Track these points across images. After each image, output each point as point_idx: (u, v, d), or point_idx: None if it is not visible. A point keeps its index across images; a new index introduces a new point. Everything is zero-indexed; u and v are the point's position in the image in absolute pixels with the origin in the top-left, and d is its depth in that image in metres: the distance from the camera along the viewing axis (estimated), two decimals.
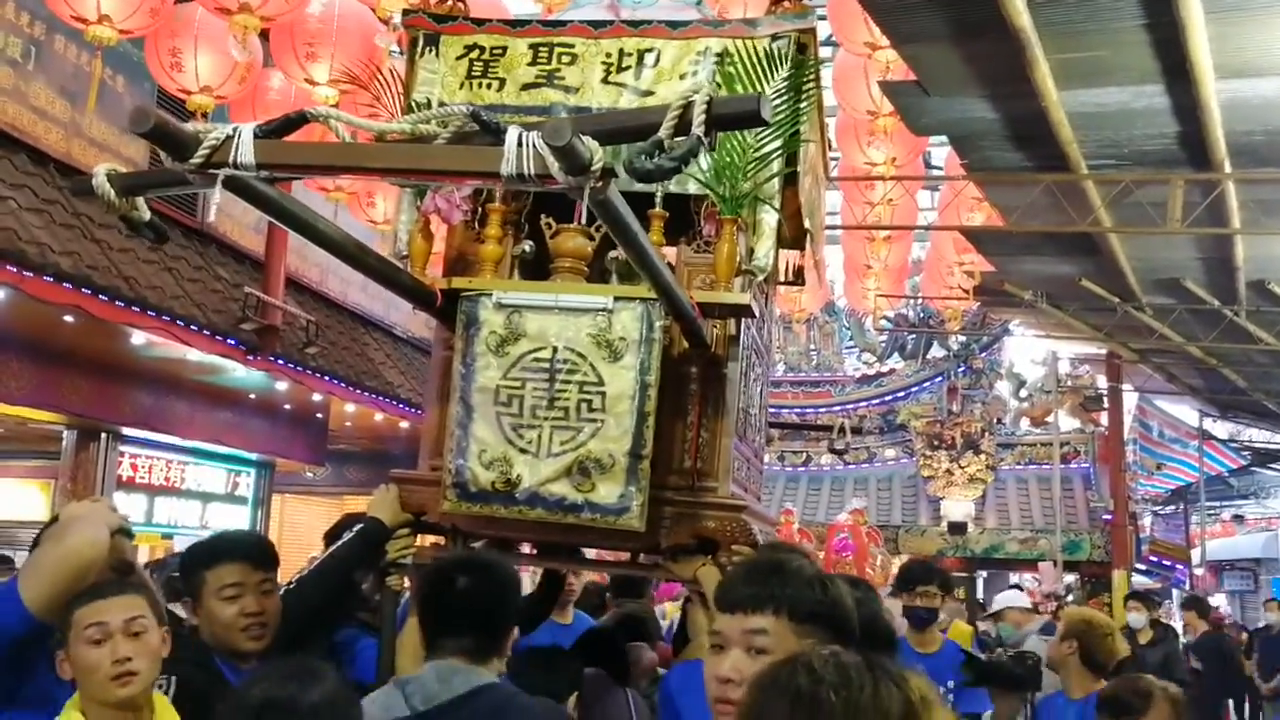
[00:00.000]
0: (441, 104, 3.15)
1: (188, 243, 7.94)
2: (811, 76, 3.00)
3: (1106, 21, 4.83)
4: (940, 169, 10.96)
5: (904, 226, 9.17)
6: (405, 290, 2.86)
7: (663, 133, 1.68)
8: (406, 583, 3.19)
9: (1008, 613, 7.64)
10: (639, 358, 2.71)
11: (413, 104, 3.16)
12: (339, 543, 3.07)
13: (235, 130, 1.77)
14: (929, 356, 18.97)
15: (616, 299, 2.76)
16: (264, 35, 6.18)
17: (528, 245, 3.06)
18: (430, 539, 3.19)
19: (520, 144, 1.63)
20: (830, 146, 6.47)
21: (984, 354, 18.14)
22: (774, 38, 3.04)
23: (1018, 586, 11.62)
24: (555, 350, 2.77)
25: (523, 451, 2.75)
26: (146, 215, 2.30)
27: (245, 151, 1.76)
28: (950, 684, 4.08)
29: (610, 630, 4.06)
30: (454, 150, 1.84)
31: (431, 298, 2.90)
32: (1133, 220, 7.37)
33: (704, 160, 2.88)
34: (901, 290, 12.59)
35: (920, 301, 15.15)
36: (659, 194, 2.91)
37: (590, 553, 3.81)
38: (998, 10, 4.69)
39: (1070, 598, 13.86)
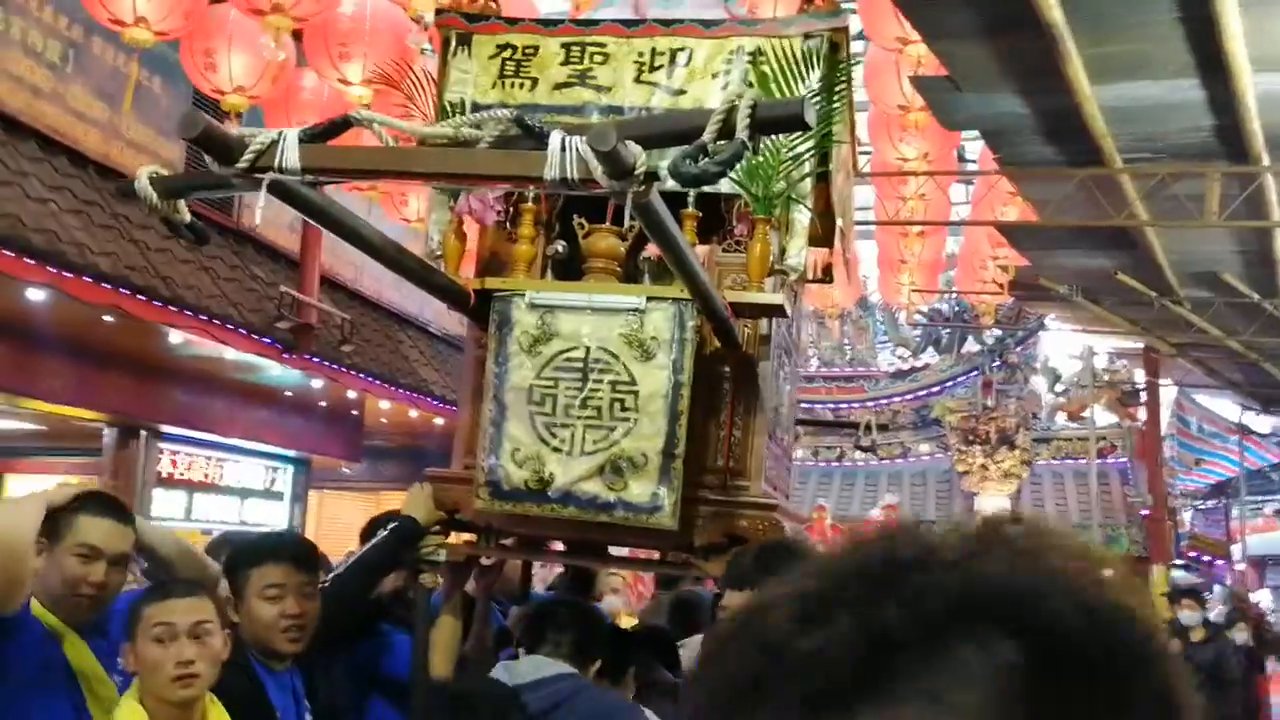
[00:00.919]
0: (475, 104, 3.18)
1: (224, 242, 8.03)
2: (844, 76, 2.99)
3: (1140, 15, 4.78)
4: (974, 162, 10.86)
5: (936, 222, 9.11)
6: (440, 291, 2.89)
7: (707, 136, 1.69)
8: (439, 580, 3.24)
9: None
10: (671, 357, 2.73)
11: (445, 104, 3.19)
12: (374, 540, 3.12)
13: (280, 135, 1.79)
14: (963, 351, 18.87)
15: (649, 299, 2.78)
16: (297, 36, 6.24)
17: (560, 245, 3.09)
18: (463, 536, 3.23)
19: (563, 148, 1.65)
20: (860, 142, 6.45)
21: (1019, 348, 18.02)
22: (806, 36, 3.04)
23: None
24: (588, 350, 2.79)
25: (555, 450, 2.77)
26: (187, 217, 2.34)
27: (290, 156, 1.79)
28: None
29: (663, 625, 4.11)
30: (497, 155, 1.86)
31: (465, 298, 2.93)
32: (1169, 213, 7.28)
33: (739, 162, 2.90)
34: (935, 285, 12.47)
35: (955, 296, 15.05)
36: (691, 194, 2.92)
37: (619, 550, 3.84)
38: (1029, 5, 4.65)
39: None
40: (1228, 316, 10.39)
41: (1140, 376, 15.86)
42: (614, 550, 3.75)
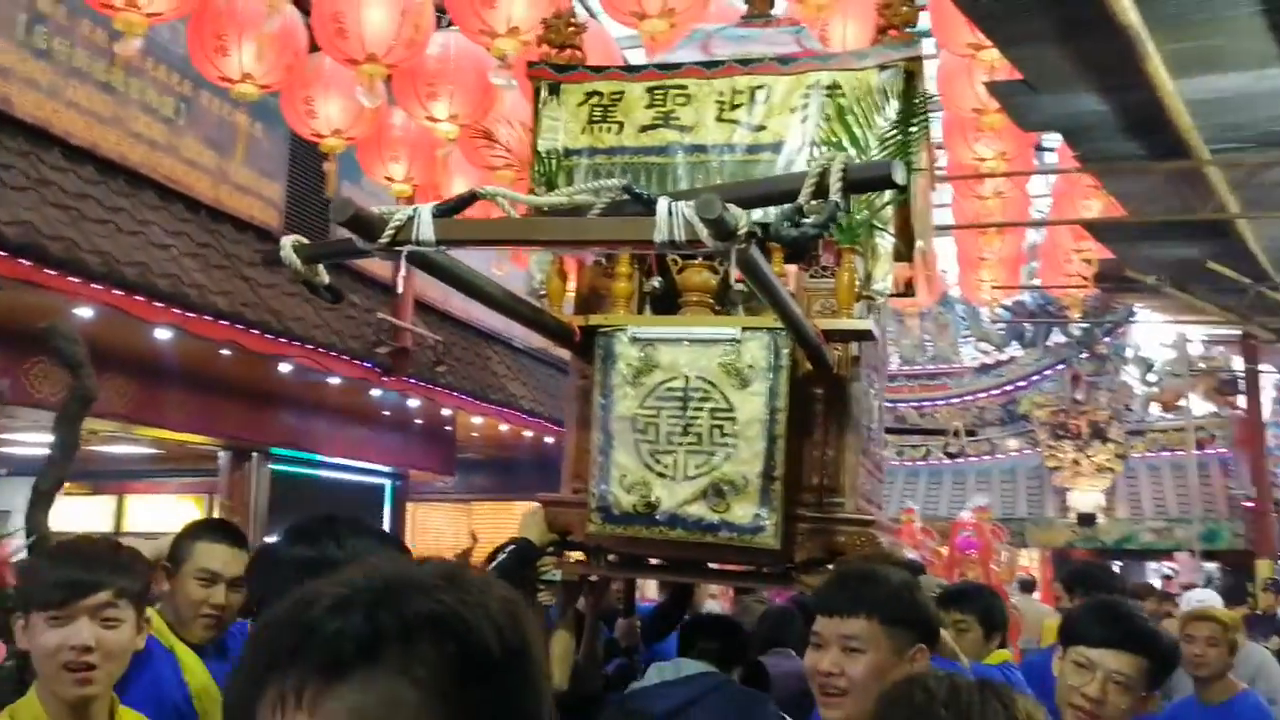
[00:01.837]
0: (566, 149, 3.38)
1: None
2: (920, 106, 3.10)
3: (1217, 10, 4.78)
4: (1054, 151, 10.77)
5: (1014, 224, 9.09)
6: (548, 329, 3.09)
7: (802, 199, 1.83)
8: (554, 597, 3.44)
9: None
10: (767, 384, 2.87)
11: (540, 152, 3.38)
12: (495, 562, 3.34)
13: (415, 211, 2.00)
14: (1049, 344, 18.51)
15: (744, 329, 2.92)
16: (386, 78, 6.55)
17: (657, 281, 3.25)
18: (575, 555, 3.42)
19: (670, 214, 1.81)
20: (936, 145, 6.50)
21: (1108, 339, 17.66)
22: (881, 68, 3.16)
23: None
24: (687, 380, 2.94)
25: (661, 475, 2.94)
26: (326, 279, 2.57)
27: (425, 230, 1.99)
28: None
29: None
30: (610, 222, 2.03)
31: (571, 334, 3.12)
32: (1259, 202, 7.18)
33: None
34: (1017, 278, 12.36)
35: (1038, 290, 14.88)
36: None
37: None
38: (1103, 8, 4.69)
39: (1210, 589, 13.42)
40: None
41: (1238, 364, 15.46)
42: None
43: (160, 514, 11.61)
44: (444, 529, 16.85)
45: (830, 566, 2.99)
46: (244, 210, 7.58)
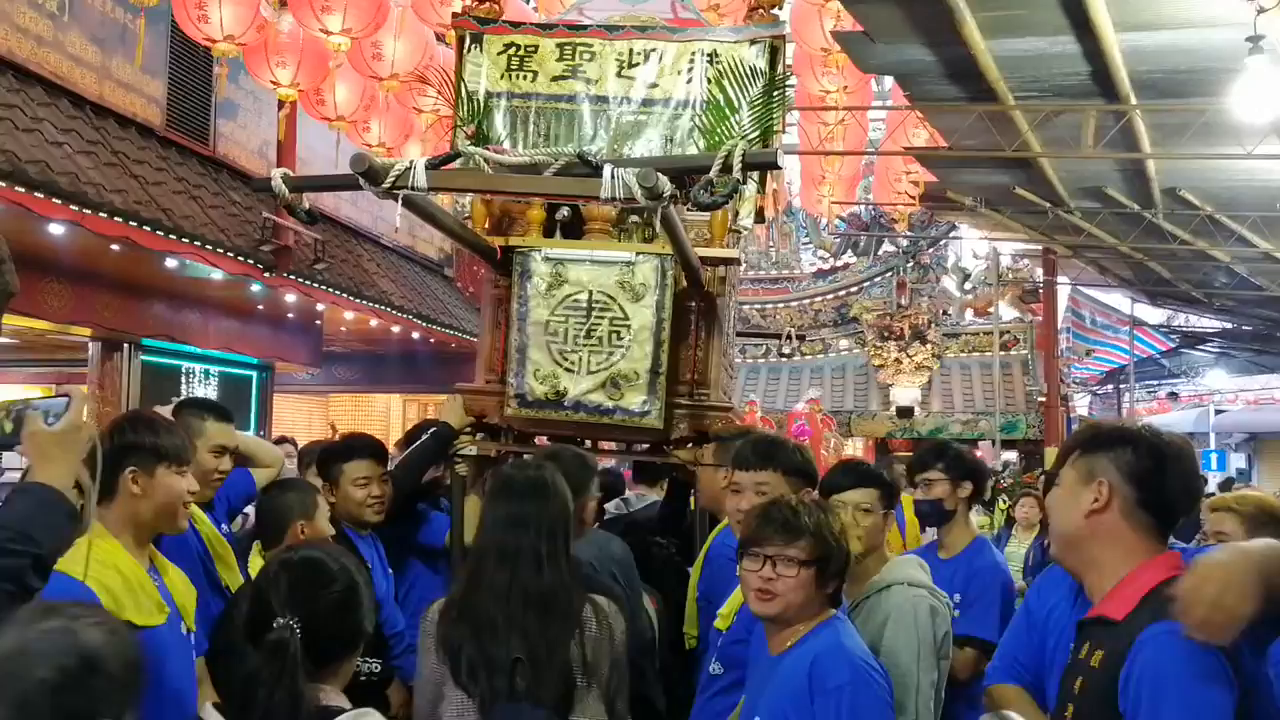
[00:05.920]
0: (488, 92, 3.97)
1: (204, 170, 8.58)
2: (783, 79, 3.84)
3: None
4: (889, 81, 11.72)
5: (854, 152, 10.06)
6: (473, 246, 3.74)
7: (713, 174, 2.55)
8: (468, 470, 4.15)
9: None
10: (655, 298, 3.60)
11: (464, 92, 3.97)
12: (419, 441, 4.02)
13: (412, 163, 2.61)
14: (880, 253, 19.83)
15: (638, 254, 3.64)
16: None
17: (567, 210, 3.92)
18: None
19: (613, 177, 2.49)
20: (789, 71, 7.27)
21: (931, 250, 19.01)
22: (752, 42, 3.88)
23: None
24: (591, 294, 3.65)
25: (568, 370, 3.66)
26: (307, 205, 3.15)
27: (419, 177, 2.61)
28: (956, 597, 3.36)
29: None
30: (565, 180, 2.69)
31: (493, 253, 3.78)
32: (1055, 142, 8.32)
33: (700, 142, 3.77)
34: (854, 194, 13.43)
35: (872, 204, 16.03)
36: None
37: None
38: None
39: (1006, 473, 15.14)
40: (1114, 223, 11.57)
41: (1040, 275, 17.10)
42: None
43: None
44: (298, 420, 17.15)
45: (691, 445, 3.81)
46: (127, 107, 7.69)
